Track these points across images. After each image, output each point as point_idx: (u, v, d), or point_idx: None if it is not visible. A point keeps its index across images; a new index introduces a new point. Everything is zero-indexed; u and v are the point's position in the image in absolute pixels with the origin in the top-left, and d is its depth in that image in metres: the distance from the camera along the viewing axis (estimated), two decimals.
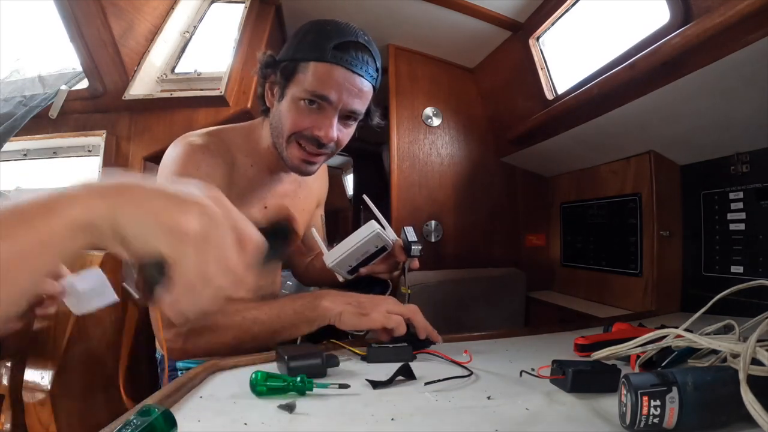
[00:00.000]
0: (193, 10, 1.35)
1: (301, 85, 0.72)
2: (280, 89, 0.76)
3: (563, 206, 1.67)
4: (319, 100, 0.72)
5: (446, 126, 1.74)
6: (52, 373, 0.95)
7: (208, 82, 1.29)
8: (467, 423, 0.46)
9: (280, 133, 0.77)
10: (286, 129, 0.75)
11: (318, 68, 0.71)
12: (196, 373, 0.57)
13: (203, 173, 0.73)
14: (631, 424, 0.42)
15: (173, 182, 0.33)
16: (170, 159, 0.75)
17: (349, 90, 0.72)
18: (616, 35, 1.18)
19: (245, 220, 0.35)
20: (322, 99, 0.71)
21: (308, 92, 0.71)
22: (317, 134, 0.73)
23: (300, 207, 0.93)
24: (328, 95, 0.71)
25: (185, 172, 0.72)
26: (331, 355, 0.63)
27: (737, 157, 1.04)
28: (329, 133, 0.73)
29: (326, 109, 0.73)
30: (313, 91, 0.71)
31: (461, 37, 1.56)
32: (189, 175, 0.72)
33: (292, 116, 0.73)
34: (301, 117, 0.73)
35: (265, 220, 0.73)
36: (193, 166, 0.73)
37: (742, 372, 0.39)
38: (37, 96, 1.27)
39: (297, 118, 0.73)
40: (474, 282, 1.61)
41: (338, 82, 0.71)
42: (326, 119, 0.73)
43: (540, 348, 0.78)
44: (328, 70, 0.70)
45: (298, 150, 0.76)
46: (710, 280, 1.11)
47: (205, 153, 0.75)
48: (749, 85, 0.87)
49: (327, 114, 0.73)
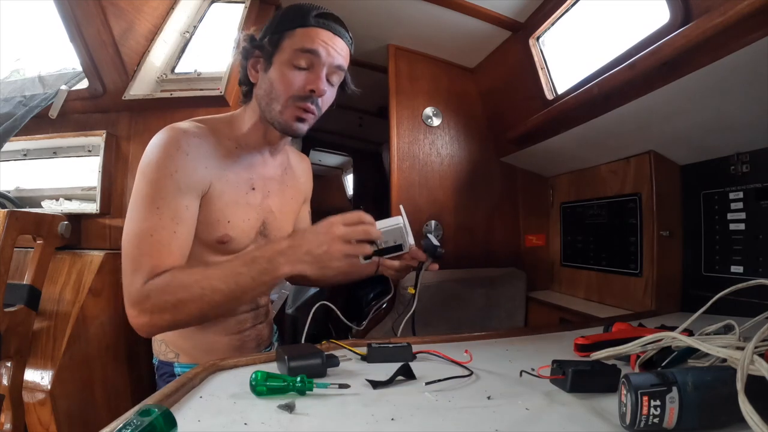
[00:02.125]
0: (193, 10, 1.35)
1: (289, 49, 0.77)
2: (266, 60, 0.80)
3: (563, 206, 1.67)
4: (308, 54, 0.77)
5: (446, 126, 1.74)
6: (52, 373, 0.95)
7: (208, 82, 1.29)
8: (467, 423, 0.46)
9: (275, 98, 0.79)
10: (281, 92, 0.78)
11: (304, 31, 0.77)
12: (196, 373, 0.58)
13: (185, 152, 0.74)
14: (631, 424, 0.42)
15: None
16: (151, 146, 0.75)
17: (333, 47, 0.78)
18: (616, 35, 1.18)
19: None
20: (311, 53, 0.77)
21: (298, 51, 0.76)
22: (310, 88, 0.78)
23: (288, 195, 0.94)
24: (316, 49, 0.76)
25: (167, 153, 0.73)
26: (331, 355, 0.64)
27: (737, 157, 1.04)
28: (320, 86, 0.77)
29: (315, 66, 0.78)
30: (302, 48, 0.76)
31: (461, 37, 1.56)
32: (171, 156, 0.73)
33: (285, 78, 0.78)
34: (293, 77, 0.78)
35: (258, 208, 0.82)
36: (174, 147, 0.74)
37: (740, 382, 0.38)
38: (37, 96, 1.27)
39: (290, 80, 0.78)
40: (474, 282, 1.61)
41: (324, 40, 0.77)
42: (316, 75, 0.78)
43: (540, 348, 0.78)
44: (314, 31, 0.77)
45: (294, 110, 0.80)
46: (710, 280, 1.12)
47: (188, 134, 0.76)
48: (749, 85, 0.87)
49: (316, 70, 0.78)
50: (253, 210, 0.84)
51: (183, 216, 0.73)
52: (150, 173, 0.73)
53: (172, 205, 0.72)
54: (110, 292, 1.12)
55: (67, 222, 1.05)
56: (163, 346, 0.87)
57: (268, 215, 0.87)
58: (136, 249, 0.70)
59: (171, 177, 0.72)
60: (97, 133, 1.23)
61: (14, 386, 0.91)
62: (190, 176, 0.74)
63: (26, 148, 1.37)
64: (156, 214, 0.71)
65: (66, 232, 1.05)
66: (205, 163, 0.77)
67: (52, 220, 1.03)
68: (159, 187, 0.72)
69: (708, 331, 0.62)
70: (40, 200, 1.31)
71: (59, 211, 1.20)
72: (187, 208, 0.74)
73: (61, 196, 1.32)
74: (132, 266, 0.70)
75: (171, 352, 0.86)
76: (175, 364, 0.86)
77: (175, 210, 0.72)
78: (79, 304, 1.03)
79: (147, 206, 0.71)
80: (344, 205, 3.34)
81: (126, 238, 0.72)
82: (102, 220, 1.22)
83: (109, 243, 1.22)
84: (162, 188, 0.72)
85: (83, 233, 1.22)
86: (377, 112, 2.26)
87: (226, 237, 0.80)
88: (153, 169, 0.73)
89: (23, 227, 0.94)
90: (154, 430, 0.37)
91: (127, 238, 0.71)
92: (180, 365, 0.85)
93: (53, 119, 1.24)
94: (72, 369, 0.99)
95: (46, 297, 1.00)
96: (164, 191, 0.72)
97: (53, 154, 1.37)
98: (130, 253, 0.70)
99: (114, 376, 1.11)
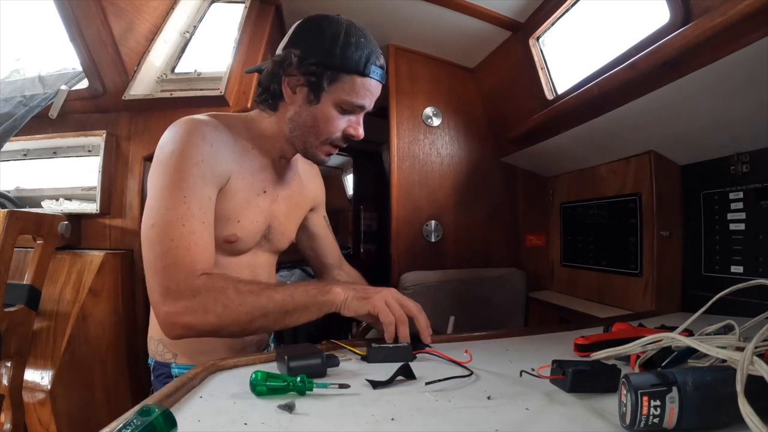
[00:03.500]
0: (193, 10, 1.35)
1: (340, 94, 0.78)
2: (311, 92, 0.78)
3: (563, 206, 1.67)
4: (356, 108, 0.80)
5: (446, 126, 1.74)
6: (52, 373, 0.95)
7: (208, 82, 1.29)
8: (467, 423, 0.46)
9: (313, 134, 0.81)
10: (323, 133, 0.81)
11: (361, 82, 0.78)
12: (196, 373, 0.57)
13: (209, 143, 0.73)
14: (631, 424, 0.42)
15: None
16: (172, 135, 0.73)
17: (376, 96, 0.82)
18: (616, 35, 1.18)
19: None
20: (360, 108, 0.81)
21: (348, 102, 0.78)
22: (351, 134, 0.82)
23: (294, 201, 0.94)
24: (365, 105, 0.81)
25: (192, 141, 0.72)
26: (331, 355, 0.63)
27: (737, 157, 1.04)
28: (360, 133, 0.82)
29: (357, 113, 0.82)
30: (354, 102, 0.78)
31: (461, 37, 1.56)
32: (196, 145, 0.71)
33: (331, 122, 0.80)
34: (339, 122, 0.80)
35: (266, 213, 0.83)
36: (200, 136, 0.72)
37: (739, 383, 0.38)
38: (37, 96, 1.27)
39: (336, 124, 0.80)
40: (474, 282, 1.61)
41: (373, 93, 0.81)
42: (358, 121, 0.82)
43: (540, 348, 0.78)
44: (368, 84, 0.79)
45: (329, 148, 0.83)
46: (710, 280, 1.11)
47: (210, 126, 0.75)
48: (749, 85, 0.87)
49: (358, 117, 0.82)
50: (262, 213, 0.84)
51: (209, 207, 0.72)
52: (174, 162, 0.70)
53: (198, 195, 0.70)
54: (110, 292, 1.12)
55: (67, 222, 1.05)
56: (160, 346, 0.85)
57: (273, 220, 0.88)
58: (169, 240, 0.66)
59: (198, 165, 0.70)
60: (97, 133, 1.23)
61: (14, 386, 0.91)
62: (215, 167, 0.73)
63: (26, 148, 1.37)
64: (184, 203, 0.68)
65: (66, 232, 1.05)
66: (226, 157, 0.76)
67: (52, 220, 1.03)
68: (185, 176, 0.69)
69: (708, 331, 0.62)
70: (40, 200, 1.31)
71: (59, 211, 1.20)
72: (210, 199, 0.72)
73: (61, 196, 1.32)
74: (166, 259, 0.66)
75: (169, 353, 0.84)
76: (172, 365, 0.84)
77: (201, 199, 0.70)
78: (79, 304, 1.03)
79: (173, 195, 0.68)
80: (344, 205, 3.34)
81: (152, 229, 0.68)
82: (102, 220, 1.23)
83: (109, 243, 1.22)
84: (188, 177, 0.69)
85: (83, 233, 1.22)
86: (377, 112, 2.25)
87: (233, 236, 0.79)
88: (177, 158, 0.70)
89: (23, 227, 0.94)
90: (154, 430, 0.37)
91: (154, 230, 0.67)
92: (177, 366, 0.84)
93: (53, 119, 1.24)
94: (72, 369, 0.99)
95: (46, 297, 1.00)
96: (191, 180, 0.70)
97: (53, 154, 1.37)
98: (162, 244, 0.67)
99: (114, 376, 1.12)
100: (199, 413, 0.47)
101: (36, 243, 1.00)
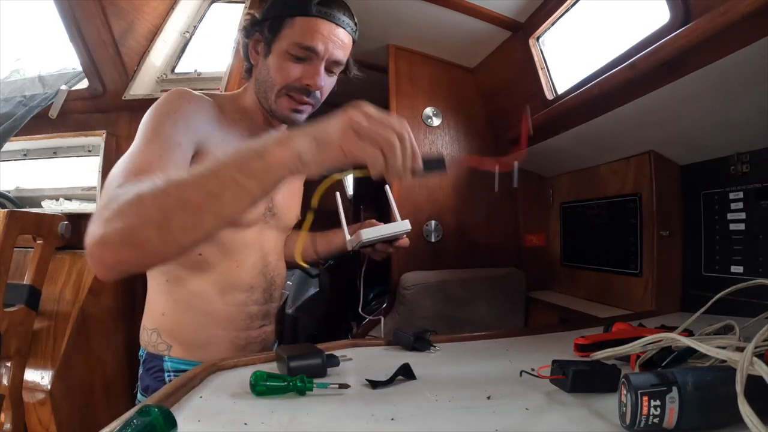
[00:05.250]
0: (193, 10, 1.35)
1: (288, 39, 0.75)
2: (265, 45, 0.78)
3: (563, 206, 1.67)
4: (306, 51, 0.75)
5: (446, 126, 1.74)
6: (52, 373, 0.95)
7: (208, 82, 1.29)
8: (467, 423, 0.46)
9: (269, 87, 0.79)
10: (276, 82, 0.78)
11: (304, 22, 0.74)
12: (195, 373, 0.58)
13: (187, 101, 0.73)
14: (631, 424, 0.42)
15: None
16: (158, 102, 0.73)
17: (334, 41, 0.76)
18: (616, 35, 1.18)
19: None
20: (310, 50, 0.75)
21: (296, 45, 0.75)
22: (306, 83, 0.77)
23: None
24: (315, 46, 0.74)
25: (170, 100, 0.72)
26: (331, 355, 0.64)
27: (737, 157, 1.04)
28: (317, 82, 0.77)
29: (313, 60, 0.76)
30: (300, 43, 0.74)
31: (461, 37, 1.56)
32: (173, 103, 0.71)
33: (282, 69, 0.77)
34: (290, 69, 0.77)
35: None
36: (176, 96, 0.73)
37: (739, 384, 0.38)
38: (37, 96, 1.27)
39: (286, 71, 0.77)
40: (474, 282, 1.61)
41: (323, 34, 0.75)
42: (314, 69, 0.77)
43: (540, 348, 0.78)
44: (314, 24, 0.74)
45: (288, 101, 0.79)
46: (710, 280, 1.11)
47: (195, 96, 0.75)
48: (749, 85, 0.86)
49: (314, 64, 0.77)
50: None
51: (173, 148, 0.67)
52: (147, 120, 0.70)
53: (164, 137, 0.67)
54: (110, 293, 1.12)
55: (67, 222, 1.05)
56: (154, 336, 0.80)
57: (275, 193, 0.84)
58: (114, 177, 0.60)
59: (168, 115, 0.70)
60: (97, 133, 1.23)
61: (14, 386, 0.91)
62: (189, 119, 0.71)
63: (26, 148, 1.37)
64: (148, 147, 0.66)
65: (66, 232, 1.05)
66: (206, 120, 0.75)
67: (52, 220, 1.03)
68: (154, 126, 0.68)
69: (708, 331, 0.62)
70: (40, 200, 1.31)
71: (59, 211, 1.20)
72: (179, 144, 0.68)
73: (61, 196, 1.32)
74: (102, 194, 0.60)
75: (162, 344, 0.79)
76: (165, 358, 0.79)
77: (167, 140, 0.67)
78: (79, 304, 1.03)
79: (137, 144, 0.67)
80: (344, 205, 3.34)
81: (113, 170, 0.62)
82: None
83: None
84: (158, 126, 0.68)
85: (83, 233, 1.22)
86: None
87: None
88: (151, 116, 0.70)
89: (23, 227, 0.94)
90: (154, 430, 0.37)
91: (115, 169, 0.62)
92: (171, 359, 0.79)
93: (53, 119, 1.24)
94: (72, 369, 0.99)
95: (46, 297, 1.00)
96: (160, 129, 0.68)
97: (53, 154, 1.37)
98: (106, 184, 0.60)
99: (114, 376, 1.11)
100: (199, 413, 0.47)
101: (36, 243, 1.00)
